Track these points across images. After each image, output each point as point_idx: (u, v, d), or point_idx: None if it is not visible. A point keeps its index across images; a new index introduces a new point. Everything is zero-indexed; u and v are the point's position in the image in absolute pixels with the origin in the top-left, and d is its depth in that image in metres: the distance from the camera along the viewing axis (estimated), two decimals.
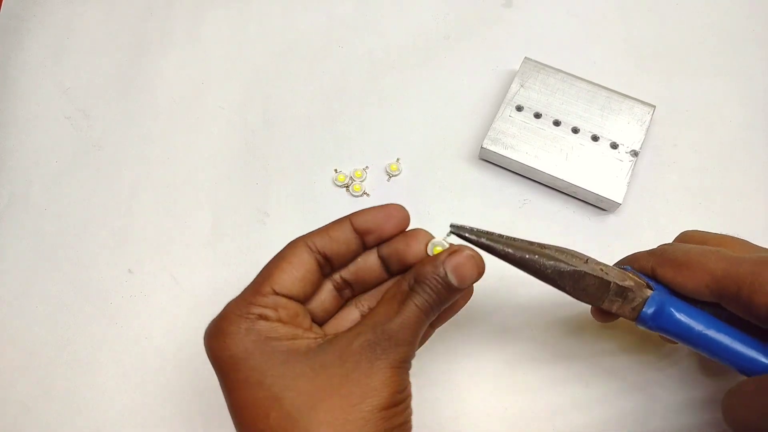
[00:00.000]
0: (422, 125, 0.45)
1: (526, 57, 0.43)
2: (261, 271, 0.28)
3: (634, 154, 0.40)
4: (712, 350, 0.27)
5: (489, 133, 0.41)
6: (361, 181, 0.43)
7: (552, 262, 0.28)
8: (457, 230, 0.28)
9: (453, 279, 0.26)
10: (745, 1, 0.48)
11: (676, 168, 0.43)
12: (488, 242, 0.28)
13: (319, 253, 0.28)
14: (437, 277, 0.26)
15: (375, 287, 0.30)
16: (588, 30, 0.48)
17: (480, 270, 0.27)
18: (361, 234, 0.28)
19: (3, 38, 0.50)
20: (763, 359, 0.26)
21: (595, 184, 0.40)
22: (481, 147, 0.41)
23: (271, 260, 0.28)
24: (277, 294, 0.27)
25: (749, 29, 0.47)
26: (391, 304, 0.26)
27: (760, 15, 0.48)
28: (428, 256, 0.27)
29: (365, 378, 0.25)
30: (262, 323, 0.26)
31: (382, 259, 0.29)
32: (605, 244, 0.40)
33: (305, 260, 0.27)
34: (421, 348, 0.38)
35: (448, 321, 0.31)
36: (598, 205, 0.41)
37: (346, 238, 0.28)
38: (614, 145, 0.41)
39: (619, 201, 0.39)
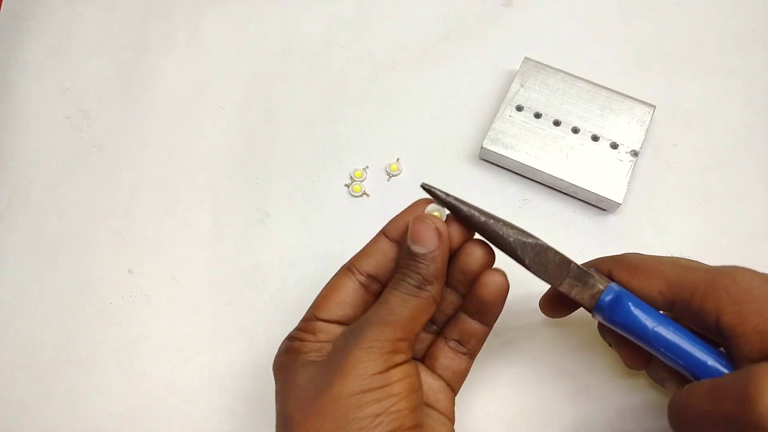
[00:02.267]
0: (422, 125, 0.45)
1: (526, 57, 0.44)
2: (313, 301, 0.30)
3: (634, 154, 0.40)
4: (663, 348, 0.27)
5: (489, 133, 0.41)
6: (361, 181, 0.43)
7: (514, 231, 0.28)
8: (427, 187, 0.28)
9: (416, 248, 0.26)
10: (746, 1, 0.48)
11: (676, 168, 0.43)
12: (454, 202, 0.28)
13: (362, 273, 0.29)
14: (405, 259, 0.27)
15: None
16: (588, 30, 0.48)
17: (435, 225, 0.27)
18: (398, 242, 0.29)
19: (3, 38, 0.50)
20: (713, 363, 0.26)
21: (595, 184, 0.40)
22: (481, 147, 0.41)
23: (323, 289, 0.30)
24: (318, 319, 0.28)
25: (749, 29, 0.47)
26: None
27: (760, 15, 0.48)
28: None
29: (335, 366, 0.25)
30: (298, 343, 0.28)
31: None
32: (605, 244, 0.40)
33: (346, 285, 0.29)
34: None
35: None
36: (598, 205, 0.41)
37: (383, 252, 0.29)
38: (614, 145, 0.41)
39: (619, 201, 0.39)
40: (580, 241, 0.41)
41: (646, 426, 0.36)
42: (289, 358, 0.28)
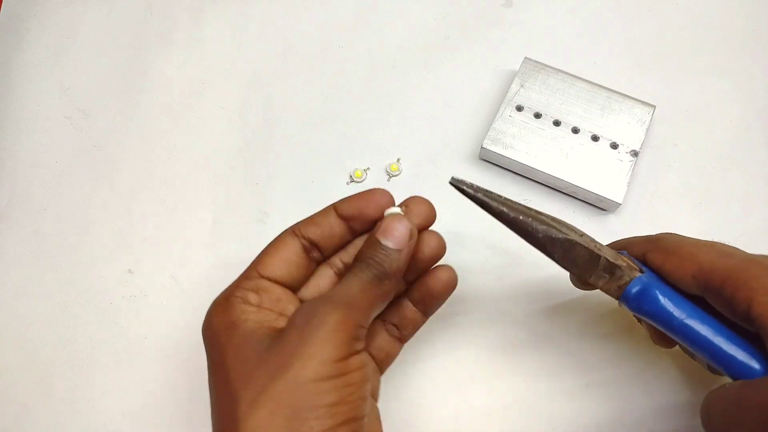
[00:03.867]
0: (422, 125, 0.45)
1: (526, 57, 0.44)
2: (253, 259, 0.29)
3: (634, 154, 0.40)
4: (692, 341, 0.27)
5: (489, 133, 0.41)
6: (361, 182, 0.43)
7: (544, 227, 0.28)
8: (456, 183, 0.29)
9: (387, 242, 0.27)
10: (745, 1, 0.48)
11: (676, 168, 0.43)
12: (484, 198, 0.28)
13: (305, 238, 0.29)
14: (373, 249, 0.27)
15: None
16: (588, 30, 0.48)
17: (408, 226, 0.28)
18: (346, 220, 0.29)
19: (3, 38, 0.50)
20: (742, 357, 0.26)
21: (595, 184, 0.40)
22: (482, 147, 0.41)
23: (262, 249, 0.29)
24: (261, 277, 0.28)
25: (749, 29, 0.47)
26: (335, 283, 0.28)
27: (759, 15, 0.48)
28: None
29: (296, 347, 0.24)
30: (239, 305, 0.27)
31: None
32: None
33: (289, 244, 0.29)
34: (421, 348, 0.38)
35: (449, 322, 0.31)
36: (598, 205, 0.41)
37: (330, 224, 0.29)
38: (614, 145, 0.41)
39: (619, 201, 0.39)
40: None
41: (654, 421, 0.36)
42: (229, 322, 0.26)
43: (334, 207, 0.30)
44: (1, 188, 0.44)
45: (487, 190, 0.29)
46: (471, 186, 0.29)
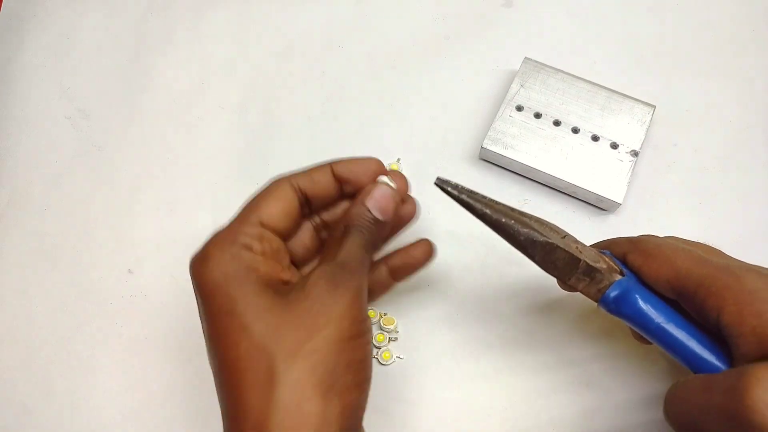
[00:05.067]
0: (422, 125, 0.45)
1: (526, 57, 0.44)
2: (247, 204, 0.29)
3: (634, 154, 0.40)
4: (667, 344, 0.27)
5: (489, 133, 0.41)
6: None
7: (526, 230, 0.29)
8: (441, 183, 0.30)
9: (376, 213, 0.29)
10: (745, 1, 0.48)
11: (676, 168, 0.43)
12: (468, 199, 0.29)
13: (301, 191, 0.30)
14: (363, 216, 0.28)
15: None
16: (588, 30, 0.48)
17: (395, 200, 0.29)
18: (340, 181, 0.30)
19: (3, 38, 0.50)
20: (715, 361, 0.26)
21: (595, 184, 0.40)
22: (482, 147, 0.41)
23: (257, 194, 0.30)
24: (263, 226, 0.28)
25: (749, 29, 0.47)
26: (333, 244, 0.28)
27: (760, 15, 0.48)
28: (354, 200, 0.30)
29: (327, 308, 0.26)
30: (246, 253, 0.27)
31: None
32: None
33: (289, 196, 0.29)
34: (421, 349, 0.38)
35: (449, 322, 0.31)
36: (598, 205, 0.41)
37: (325, 182, 0.30)
38: (614, 145, 0.41)
39: (619, 201, 0.39)
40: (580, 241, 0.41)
41: (647, 417, 0.36)
42: (238, 269, 0.26)
43: (331, 166, 0.31)
44: (1, 188, 0.44)
45: (471, 191, 0.29)
46: (455, 187, 0.29)
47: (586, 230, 0.41)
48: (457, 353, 0.38)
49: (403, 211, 0.32)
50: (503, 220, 0.29)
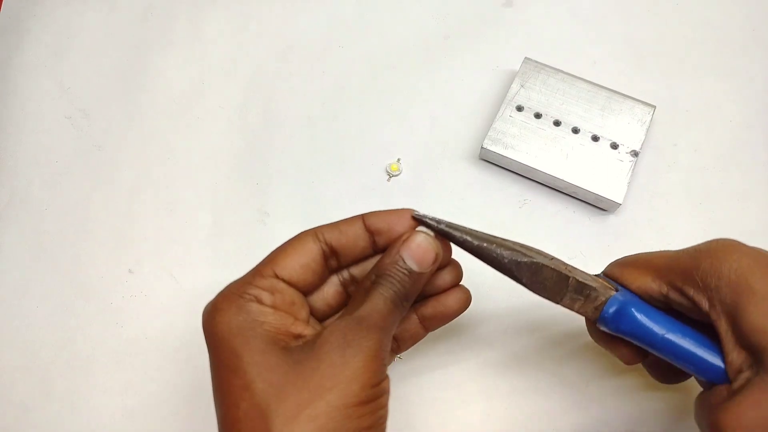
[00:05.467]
0: (422, 125, 0.45)
1: (526, 57, 0.43)
2: (266, 256, 0.28)
3: (635, 154, 0.40)
4: (674, 354, 0.27)
5: (489, 133, 0.41)
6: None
7: (509, 252, 0.28)
8: (419, 217, 0.28)
9: (412, 264, 0.26)
10: (745, 1, 0.48)
11: (676, 168, 0.43)
12: (447, 229, 0.28)
13: (326, 244, 0.28)
14: (397, 266, 0.26)
15: None
16: (588, 30, 0.48)
17: (435, 250, 0.27)
18: (372, 233, 0.28)
19: (3, 38, 0.50)
20: (723, 365, 0.26)
21: (596, 184, 0.40)
22: (482, 147, 0.41)
23: (278, 246, 0.28)
24: (277, 278, 0.27)
25: (749, 29, 0.47)
26: (358, 296, 0.26)
27: (759, 15, 0.48)
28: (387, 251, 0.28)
29: (336, 369, 0.24)
30: (254, 306, 0.25)
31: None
32: (605, 245, 0.40)
33: (310, 248, 0.28)
34: (421, 348, 0.38)
35: (448, 327, 0.31)
36: (598, 205, 0.41)
37: (355, 234, 0.28)
38: (614, 146, 0.41)
39: (620, 201, 0.39)
40: (580, 241, 0.41)
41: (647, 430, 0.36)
42: (244, 322, 0.25)
43: (363, 217, 0.29)
44: (1, 188, 0.44)
45: (449, 222, 0.28)
46: (433, 219, 0.28)
47: (586, 230, 0.41)
48: (453, 354, 0.38)
49: (441, 277, 0.29)
50: (484, 245, 0.28)
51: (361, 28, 0.49)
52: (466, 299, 0.30)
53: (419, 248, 0.27)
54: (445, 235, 0.28)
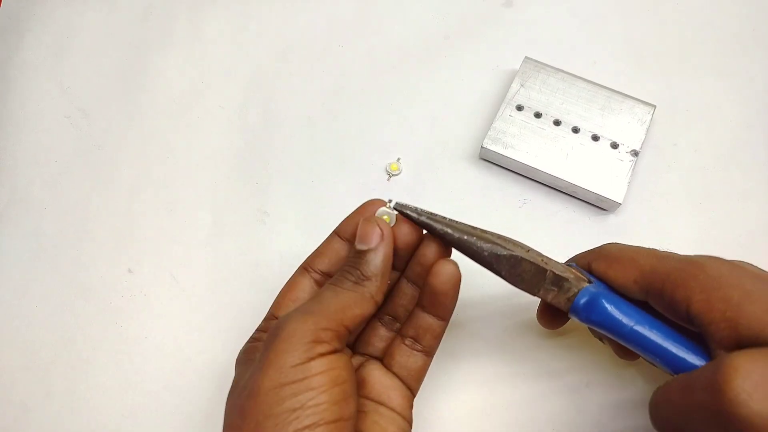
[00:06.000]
0: (422, 125, 0.45)
1: (526, 57, 0.44)
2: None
3: (635, 153, 0.40)
4: (642, 346, 0.27)
5: (489, 133, 0.41)
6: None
7: (489, 245, 0.28)
8: (400, 208, 0.29)
9: (357, 244, 0.28)
10: (745, 1, 0.48)
11: (676, 168, 0.43)
12: (427, 221, 0.29)
13: (317, 271, 0.31)
14: (352, 256, 0.28)
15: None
16: (588, 30, 0.48)
17: (378, 229, 0.28)
18: (349, 241, 0.30)
19: (3, 38, 0.50)
20: (692, 359, 0.26)
21: (596, 184, 0.40)
22: (482, 147, 0.41)
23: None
24: (276, 318, 0.29)
25: (749, 29, 0.47)
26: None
27: (760, 15, 0.48)
28: None
29: (262, 358, 0.25)
30: (257, 343, 0.28)
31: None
32: None
33: (300, 282, 0.30)
34: None
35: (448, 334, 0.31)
36: (598, 205, 0.41)
37: (335, 250, 0.31)
38: (614, 145, 0.41)
39: (620, 201, 0.39)
40: (580, 241, 0.40)
41: (638, 423, 0.36)
42: (246, 358, 0.28)
43: (336, 232, 0.31)
44: (1, 188, 0.44)
45: (431, 213, 0.29)
46: (415, 210, 0.29)
47: (586, 230, 0.41)
48: (453, 354, 0.38)
49: (426, 246, 0.30)
50: (465, 237, 0.28)
51: (361, 28, 0.49)
52: (450, 271, 0.28)
53: (361, 229, 0.28)
54: (425, 226, 0.29)
